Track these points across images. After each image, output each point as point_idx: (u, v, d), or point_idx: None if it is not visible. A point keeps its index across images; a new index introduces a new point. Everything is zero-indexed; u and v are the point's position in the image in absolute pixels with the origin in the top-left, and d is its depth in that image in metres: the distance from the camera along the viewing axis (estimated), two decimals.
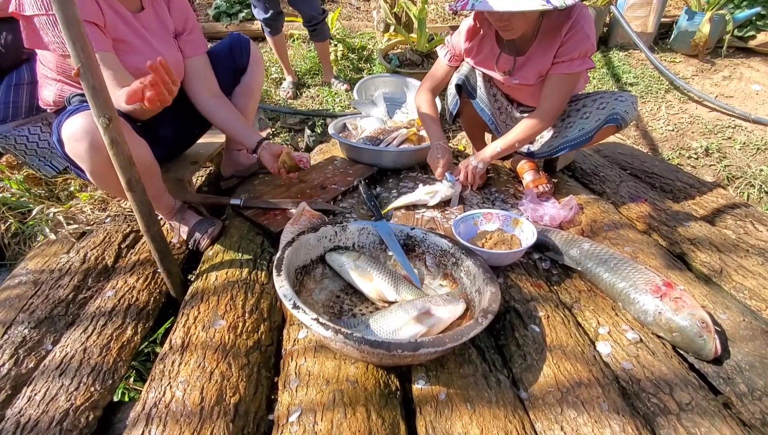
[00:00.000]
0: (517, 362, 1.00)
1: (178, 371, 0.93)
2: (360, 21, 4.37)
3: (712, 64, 3.27)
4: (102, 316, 1.14)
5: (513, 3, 1.21)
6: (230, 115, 1.44)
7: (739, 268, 1.25)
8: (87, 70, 0.89)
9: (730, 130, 2.65)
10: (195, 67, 1.41)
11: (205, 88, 1.42)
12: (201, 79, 1.42)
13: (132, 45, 1.23)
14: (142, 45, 1.25)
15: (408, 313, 1.00)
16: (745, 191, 2.26)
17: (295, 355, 0.99)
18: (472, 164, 1.57)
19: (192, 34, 1.40)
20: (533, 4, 1.20)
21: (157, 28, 1.31)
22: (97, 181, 1.20)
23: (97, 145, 1.07)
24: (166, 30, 1.34)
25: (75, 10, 0.84)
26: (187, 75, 1.41)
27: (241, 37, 1.59)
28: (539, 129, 1.52)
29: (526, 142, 1.57)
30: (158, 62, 0.94)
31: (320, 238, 1.24)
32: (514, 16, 1.30)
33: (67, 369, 1.00)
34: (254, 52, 1.59)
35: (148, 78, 0.97)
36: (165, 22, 1.34)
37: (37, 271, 1.35)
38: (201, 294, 1.16)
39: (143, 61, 1.24)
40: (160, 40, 1.31)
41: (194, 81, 1.41)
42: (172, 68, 1.33)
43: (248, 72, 1.59)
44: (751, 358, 0.97)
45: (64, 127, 1.10)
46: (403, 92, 2.64)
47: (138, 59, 1.23)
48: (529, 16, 1.33)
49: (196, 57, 1.41)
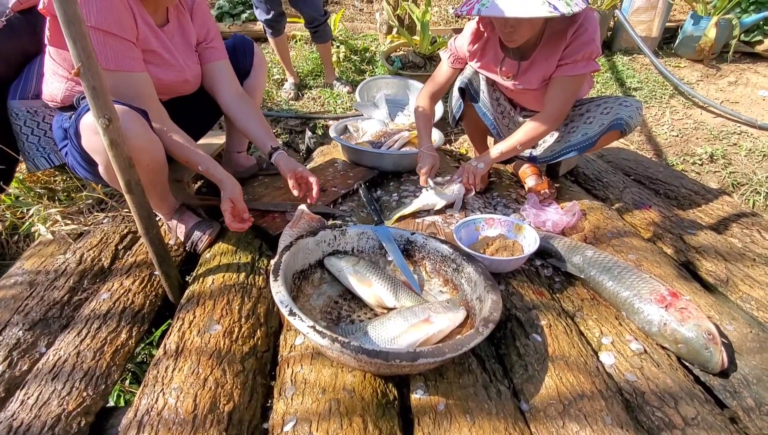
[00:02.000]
0: (518, 372, 0.97)
1: (172, 377, 0.91)
2: (363, 23, 4.36)
3: (717, 70, 3.25)
4: (96, 318, 1.12)
5: (520, 9, 1.19)
6: (252, 118, 1.46)
7: (745, 277, 1.23)
8: (87, 69, 0.88)
9: (735, 136, 2.63)
10: (219, 71, 1.45)
11: (228, 90, 1.45)
12: (225, 82, 1.45)
13: (158, 57, 1.25)
14: (167, 57, 1.28)
15: (407, 321, 0.98)
16: (750, 198, 2.23)
17: (291, 361, 0.97)
18: (473, 166, 1.55)
19: (214, 41, 1.44)
20: (540, 11, 1.18)
21: (180, 42, 1.34)
22: (110, 176, 1.18)
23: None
24: (188, 43, 1.37)
25: (76, 8, 0.83)
26: (212, 79, 1.45)
27: (245, 39, 1.58)
28: (543, 132, 1.50)
29: (530, 144, 1.55)
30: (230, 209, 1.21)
31: (319, 242, 1.22)
32: (521, 23, 1.28)
33: (60, 373, 0.98)
34: (258, 55, 1.59)
35: (226, 209, 1.22)
36: (188, 36, 1.37)
37: (33, 271, 1.33)
38: (197, 298, 1.14)
39: (166, 73, 1.28)
40: (182, 53, 1.34)
41: (219, 84, 1.45)
42: (192, 80, 1.39)
43: (251, 75, 1.58)
44: (758, 371, 0.95)
45: (84, 118, 1.09)
46: (405, 94, 2.63)
47: (161, 71, 1.27)
48: (535, 23, 1.31)
49: (220, 61, 1.44)
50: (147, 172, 1.19)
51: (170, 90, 1.37)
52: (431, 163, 1.57)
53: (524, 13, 1.19)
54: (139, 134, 1.10)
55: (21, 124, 1.38)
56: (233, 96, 1.45)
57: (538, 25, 1.33)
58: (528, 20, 1.27)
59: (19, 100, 1.37)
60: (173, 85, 1.35)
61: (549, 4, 1.17)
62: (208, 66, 1.44)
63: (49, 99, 1.29)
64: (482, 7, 1.24)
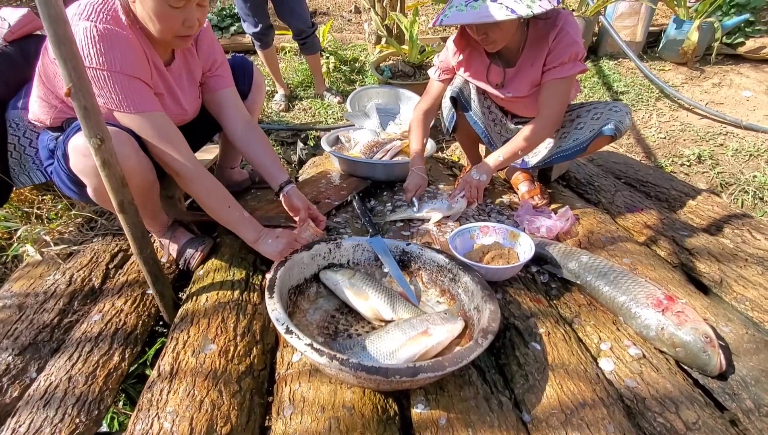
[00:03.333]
0: (519, 383, 0.97)
1: (167, 401, 0.89)
2: (351, 33, 4.39)
3: (701, 72, 3.31)
4: (88, 341, 1.10)
5: (477, 15, 1.24)
6: (262, 151, 1.40)
7: (739, 278, 1.24)
8: (78, 90, 0.87)
9: (721, 136, 2.67)
10: (226, 99, 1.40)
11: (237, 119, 1.40)
12: (233, 110, 1.40)
13: (162, 97, 1.23)
14: (169, 96, 1.25)
15: (405, 334, 0.97)
16: (739, 198, 2.26)
17: (289, 379, 0.96)
18: (474, 178, 1.54)
19: (221, 69, 1.38)
20: (498, 15, 1.22)
21: (184, 79, 1.31)
22: (100, 198, 1.17)
23: None
24: (193, 80, 1.34)
25: (66, 28, 0.82)
26: (219, 107, 1.40)
27: (245, 61, 1.55)
28: (541, 136, 1.51)
29: (529, 150, 1.56)
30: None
31: (314, 255, 1.21)
32: (490, 28, 1.32)
33: (52, 399, 0.95)
34: (257, 78, 1.56)
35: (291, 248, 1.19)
36: (193, 72, 1.33)
37: (21, 294, 1.30)
38: (191, 316, 1.12)
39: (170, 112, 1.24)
40: (185, 90, 1.31)
41: (227, 113, 1.40)
42: (191, 113, 1.36)
43: (249, 98, 1.55)
44: (756, 372, 0.95)
45: (73, 140, 1.07)
46: (396, 103, 2.64)
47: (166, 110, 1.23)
48: (505, 27, 1.33)
49: (226, 90, 1.40)
50: (137, 192, 1.17)
51: None
52: (418, 184, 1.59)
53: (481, 18, 1.23)
54: (128, 155, 1.09)
55: (20, 135, 1.35)
56: (241, 125, 1.40)
57: (509, 29, 1.35)
58: (496, 25, 1.30)
59: (21, 109, 1.35)
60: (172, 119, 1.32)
61: (507, 8, 1.22)
62: (215, 94, 1.39)
63: (36, 120, 1.27)
64: (444, 17, 1.31)
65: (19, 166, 1.40)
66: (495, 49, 1.41)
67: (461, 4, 1.27)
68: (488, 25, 1.31)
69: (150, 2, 1.03)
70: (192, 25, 1.09)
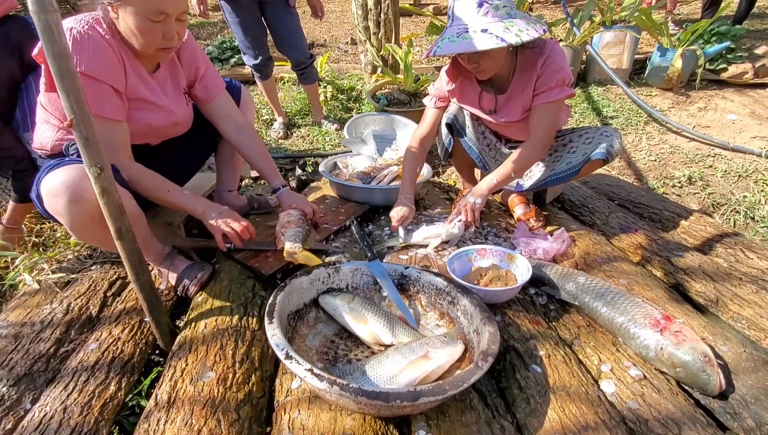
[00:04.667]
0: (521, 406, 0.96)
1: (164, 431, 0.87)
2: (348, 63, 4.53)
3: (687, 97, 3.42)
4: (84, 371, 1.09)
5: (469, 44, 1.29)
6: (255, 155, 1.52)
7: (734, 297, 1.25)
8: (80, 121, 0.90)
9: (710, 158, 2.73)
10: (218, 108, 1.48)
11: (232, 126, 1.50)
12: (226, 117, 1.49)
13: (147, 103, 1.28)
14: (156, 102, 1.30)
15: (405, 358, 0.97)
16: (731, 218, 2.30)
17: (288, 407, 0.95)
18: (470, 202, 1.56)
19: (206, 78, 1.45)
20: (489, 44, 1.27)
21: (170, 87, 1.36)
22: (79, 234, 1.19)
23: (76, 198, 1.07)
24: (178, 87, 1.40)
25: (68, 62, 0.85)
26: (214, 116, 1.49)
27: (233, 82, 1.63)
28: (533, 159, 1.55)
29: (521, 172, 1.59)
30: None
31: (313, 280, 1.22)
32: (481, 57, 1.37)
33: (46, 431, 0.93)
34: (245, 97, 1.65)
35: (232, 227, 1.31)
36: (178, 80, 1.39)
37: (17, 323, 1.29)
38: (189, 344, 1.11)
39: (154, 117, 1.31)
40: (171, 97, 1.36)
41: (221, 121, 1.49)
42: (182, 121, 1.41)
43: None
44: (755, 390, 0.95)
45: (43, 183, 1.09)
46: (392, 130, 2.70)
47: (150, 116, 1.30)
48: (495, 56, 1.39)
49: (217, 99, 1.47)
50: None
51: (160, 134, 1.39)
52: (405, 213, 1.60)
53: (473, 47, 1.29)
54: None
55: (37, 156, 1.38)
56: (234, 131, 1.49)
57: (499, 58, 1.41)
58: (486, 54, 1.36)
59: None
60: (163, 129, 1.37)
61: (497, 37, 1.27)
62: (207, 106, 1.47)
63: (39, 147, 1.30)
64: (437, 48, 1.37)
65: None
66: (486, 77, 1.47)
67: (453, 36, 1.33)
68: (479, 55, 1.36)
69: (131, 18, 1.10)
70: (172, 38, 1.17)
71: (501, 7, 1.31)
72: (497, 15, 1.31)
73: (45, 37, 0.80)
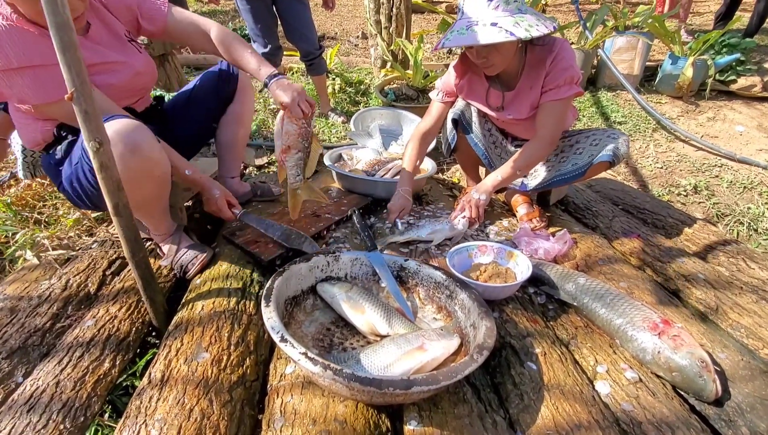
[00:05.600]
0: (514, 402, 0.95)
1: (156, 408, 0.87)
2: (358, 57, 4.52)
3: (696, 106, 3.39)
4: (79, 346, 1.09)
5: (474, 37, 1.29)
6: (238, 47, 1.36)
7: (734, 305, 1.24)
8: (80, 94, 0.89)
9: (717, 168, 2.72)
10: (177, 26, 1.36)
11: (202, 35, 1.37)
12: (191, 30, 1.37)
13: (95, 66, 1.22)
14: (103, 61, 1.24)
15: (401, 348, 0.96)
16: (734, 228, 2.28)
17: (281, 391, 0.94)
18: (474, 198, 1.55)
19: (144, 9, 1.33)
20: (498, 37, 1.26)
21: (109, 40, 1.28)
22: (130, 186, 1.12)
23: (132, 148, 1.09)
24: (119, 38, 1.31)
25: (72, 35, 0.85)
26: (179, 36, 1.38)
27: (231, 69, 1.57)
28: (539, 157, 1.54)
29: (527, 170, 1.58)
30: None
31: (312, 268, 1.21)
32: (490, 52, 1.36)
33: (37, 404, 0.93)
34: (242, 82, 1.59)
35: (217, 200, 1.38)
36: (115, 31, 1.30)
37: (15, 297, 1.29)
38: (185, 324, 1.11)
39: (112, 75, 1.25)
40: (117, 50, 1.28)
41: (188, 37, 1.38)
42: (142, 69, 1.34)
43: (235, 100, 1.59)
44: (751, 399, 0.94)
45: None
46: (398, 125, 2.69)
47: (107, 76, 1.24)
48: (504, 51, 1.38)
49: (168, 17, 1.35)
50: (157, 184, 1.20)
51: (129, 91, 1.34)
52: (402, 206, 1.60)
53: (481, 40, 1.28)
54: (153, 146, 1.13)
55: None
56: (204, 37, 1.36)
57: (508, 53, 1.39)
58: (495, 48, 1.35)
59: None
60: (128, 85, 1.31)
61: (506, 31, 1.26)
62: (166, 33, 1.37)
63: (34, 145, 1.29)
64: (446, 40, 1.35)
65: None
66: (494, 72, 1.46)
67: (462, 28, 1.33)
68: (488, 49, 1.36)
69: None
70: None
71: (511, 2, 1.30)
72: (507, 9, 1.30)
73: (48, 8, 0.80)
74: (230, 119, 1.60)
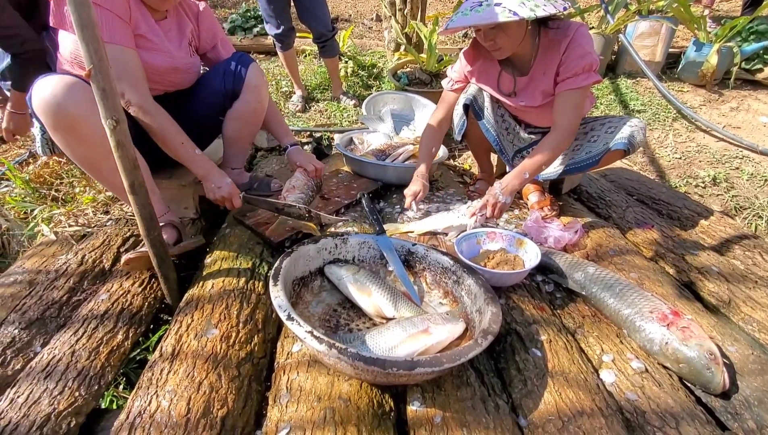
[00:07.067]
0: (517, 387, 0.96)
1: (166, 380, 0.90)
2: (371, 40, 4.45)
3: (719, 95, 3.28)
4: (94, 319, 1.12)
5: (478, 17, 1.27)
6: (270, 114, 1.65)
7: (747, 299, 1.22)
8: (98, 72, 0.90)
9: (737, 160, 2.64)
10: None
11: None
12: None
13: (147, 41, 1.31)
14: (156, 42, 1.34)
15: (406, 331, 0.97)
16: (753, 223, 2.23)
17: (287, 368, 0.96)
18: (500, 200, 1.46)
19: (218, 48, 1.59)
20: (500, 17, 1.24)
21: (174, 35, 1.42)
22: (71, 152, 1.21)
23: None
24: (183, 37, 1.45)
25: (90, 12, 0.86)
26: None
27: (242, 60, 1.53)
28: (560, 148, 1.47)
29: (550, 163, 1.50)
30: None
31: (320, 249, 1.22)
32: (497, 34, 1.35)
33: (53, 372, 0.97)
34: (250, 79, 1.52)
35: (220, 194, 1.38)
36: (183, 30, 1.45)
37: (33, 271, 1.34)
38: (196, 301, 1.13)
39: (154, 57, 1.33)
40: (174, 44, 1.41)
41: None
42: (182, 68, 1.44)
43: (240, 98, 1.53)
44: (759, 393, 0.93)
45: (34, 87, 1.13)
46: (411, 109, 2.66)
47: (150, 55, 1.32)
48: (511, 33, 1.35)
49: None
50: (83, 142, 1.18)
51: (162, 78, 1.39)
52: (419, 189, 1.57)
53: (483, 20, 1.26)
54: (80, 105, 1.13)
55: None
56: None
57: (516, 35, 1.37)
58: (502, 30, 1.33)
59: None
60: (164, 72, 1.38)
61: (509, 11, 1.24)
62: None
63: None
64: (451, 22, 1.35)
65: None
66: (503, 56, 1.43)
67: (466, 9, 1.32)
68: (495, 31, 1.34)
69: None
70: None
71: None
72: None
73: None
74: (234, 115, 1.57)
